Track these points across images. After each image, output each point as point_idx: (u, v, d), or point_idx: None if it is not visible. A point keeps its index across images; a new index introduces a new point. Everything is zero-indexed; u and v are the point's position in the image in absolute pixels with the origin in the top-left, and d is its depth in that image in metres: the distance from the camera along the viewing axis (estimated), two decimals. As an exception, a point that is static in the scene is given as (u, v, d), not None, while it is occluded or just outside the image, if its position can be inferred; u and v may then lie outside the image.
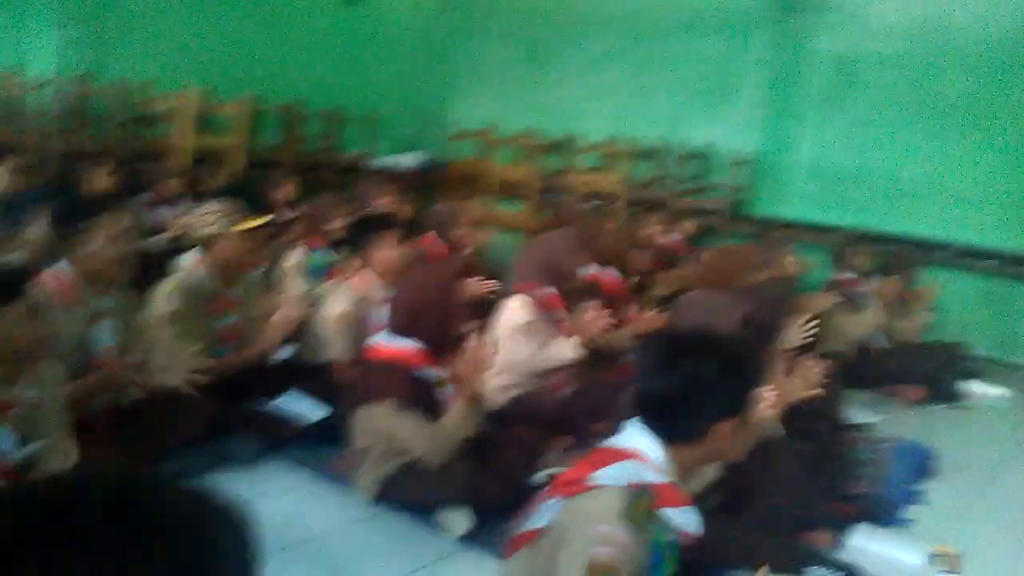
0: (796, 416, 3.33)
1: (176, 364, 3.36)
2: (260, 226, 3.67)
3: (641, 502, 1.75)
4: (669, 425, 1.87)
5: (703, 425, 1.85)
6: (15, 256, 3.66)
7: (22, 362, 2.46)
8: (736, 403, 1.88)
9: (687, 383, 1.84)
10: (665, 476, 1.84)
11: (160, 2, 6.72)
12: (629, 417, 1.94)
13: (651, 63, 8.04)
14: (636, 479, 1.79)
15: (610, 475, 1.81)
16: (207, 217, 3.54)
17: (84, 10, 6.19)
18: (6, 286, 2.39)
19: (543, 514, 1.90)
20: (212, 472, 3.17)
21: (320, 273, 4.67)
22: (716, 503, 2.90)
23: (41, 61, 6.01)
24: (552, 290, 3.91)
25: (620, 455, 1.86)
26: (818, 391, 3.11)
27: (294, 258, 4.62)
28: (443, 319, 3.07)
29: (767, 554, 2.71)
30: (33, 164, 5.17)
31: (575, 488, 1.84)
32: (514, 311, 3.85)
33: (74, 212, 3.14)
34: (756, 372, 1.94)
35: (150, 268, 5.12)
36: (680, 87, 7.90)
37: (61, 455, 2.57)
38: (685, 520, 1.86)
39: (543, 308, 3.89)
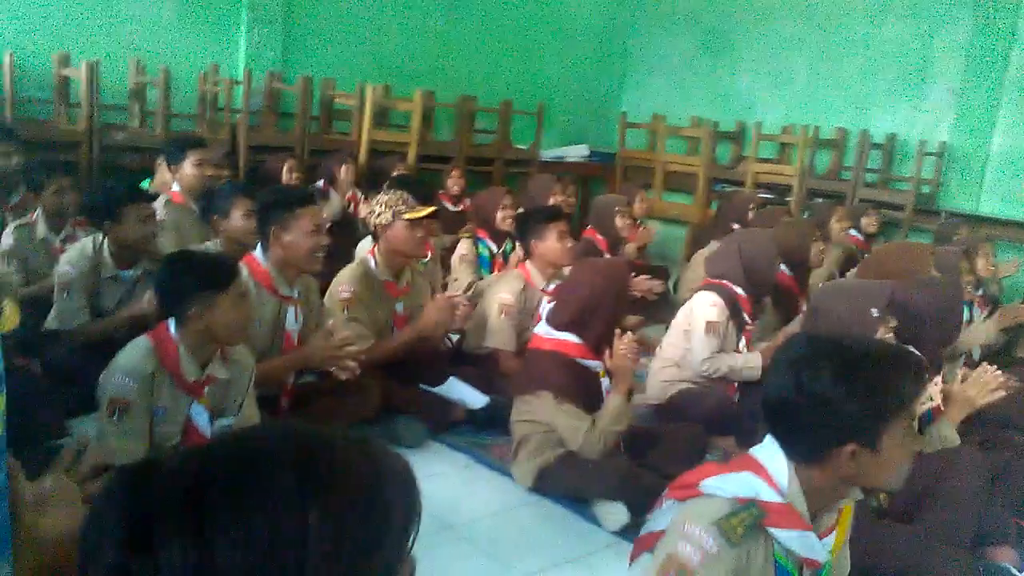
0: (982, 425, 3.09)
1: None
2: (429, 215, 3.79)
3: (743, 517, 1.64)
4: (785, 441, 1.71)
5: (822, 447, 1.65)
6: (211, 244, 3.95)
7: (224, 344, 2.68)
8: (865, 427, 1.62)
9: (806, 397, 1.64)
10: (784, 496, 1.67)
11: (341, 3, 7.07)
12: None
13: (836, 48, 7.67)
14: (747, 493, 1.68)
15: (720, 484, 1.72)
16: (380, 207, 3.70)
17: (272, 12, 6.61)
18: (222, 274, 2.61)
19: (662, 516, 1.84)
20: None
21: (486, 264, 4.78)
22: (882, 506, 2.75)
23: (233, 61, 6.47)
24: (741, 291, 3.81)
25: (740, 465, 1.75)
26: (999, 397, 2.87)
27: (463, 249, 4.74)
28: (610, 317, 3.06)
29: (942, 567, 2.54)
30: (224, 158, 5.59)
31: (687, 492, 1.77)
32: (705, 307, 3.76)
33: (272, 204, 3.33)
34: (899, 390, 1.64)
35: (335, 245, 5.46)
36: (866, 73, 7.49)
37: (251, 431, 2.77)
38: (803, 545, 1.68)
39: (733, 308, 3.79)
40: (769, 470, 1.70)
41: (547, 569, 2.72)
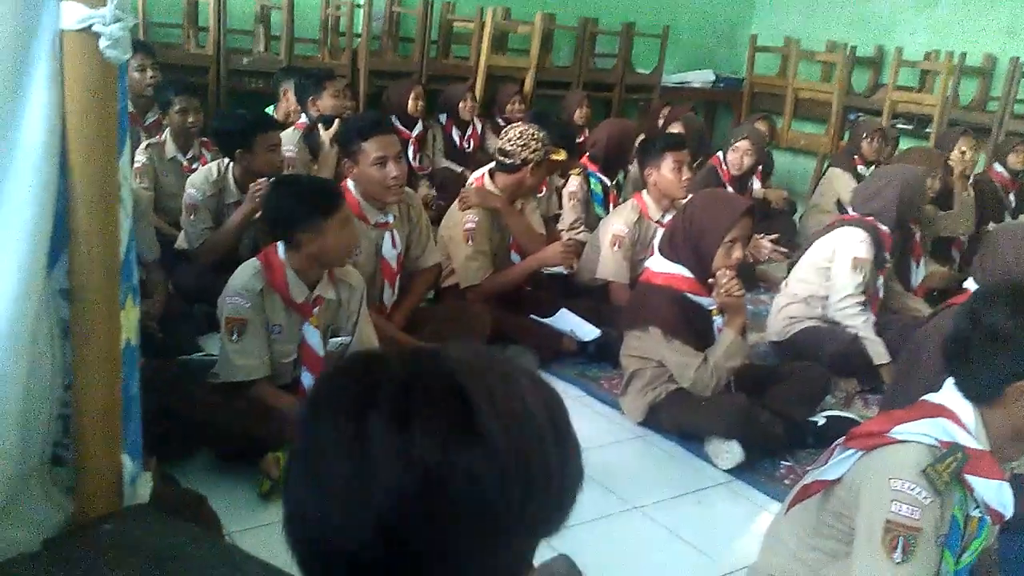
0: None
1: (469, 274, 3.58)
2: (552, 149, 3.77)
3: (948, 463, 1.60)
4: (962, 378, 1.69)
5: (999, 383, 1.63)
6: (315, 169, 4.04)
7: (331, 267, 2.73)
8: None
9: (982, 330, 1.64)
10: (981, 443, 1.65)
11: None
12: (944, 373, 1.76)
13: (986, -32, 7.02)
14: (947, 438, 1.64)
15: (917, 430, 1.67)
16: (532, 143, 3.65)
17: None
18: (329, 200, 2.65)
19: (837, 465, 1.79)
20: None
21: (600, 200, 4.63)
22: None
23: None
24: (887, 229, 3.63)
25: (933, 411, 1.70)
26: None
27: (572, 185, 4.57)
28: (716, 252, 2.94)
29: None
30: (352, 87, 5.64)
31: (876, 440, 1.71)
32: (853, 243, 3.59)
33: (341, 135, 3.33)
34: None
35: (452, 176, 5.48)
36: (1019, -6, 6.83)
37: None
38: (998, 497, 1.65)
39: (880, 246, 3.62)
40: (959, 416, 1.68)
41: (660, 502, 2.70)
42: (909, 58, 7.09)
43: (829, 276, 3.63)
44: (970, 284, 2.81)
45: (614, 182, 4.71)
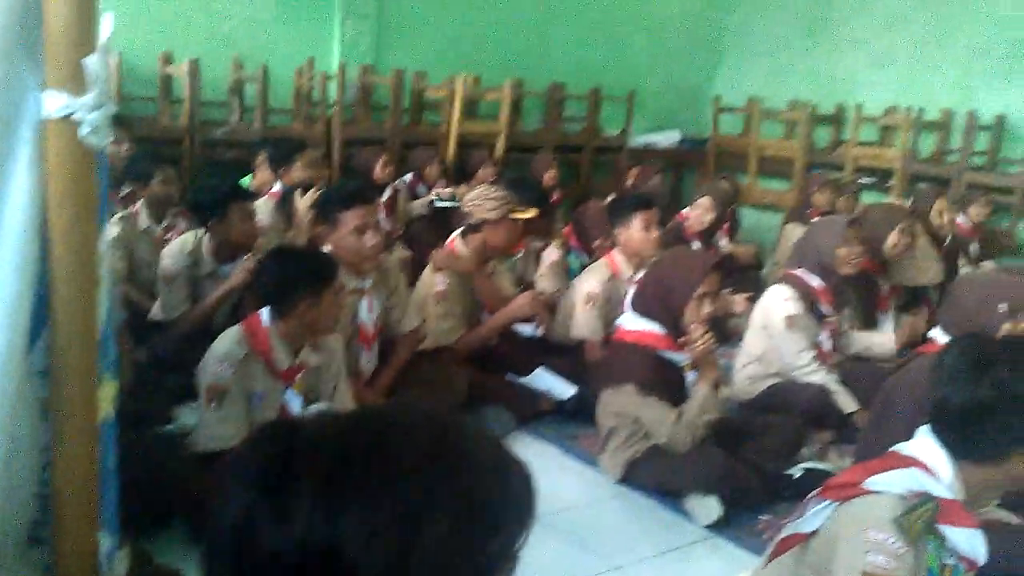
0: None
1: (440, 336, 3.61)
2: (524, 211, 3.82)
3: (920, 513, 1.62)
4: (964, 440, 1.70)
5: (1005, 446, 1.67)
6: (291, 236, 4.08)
7: (319, 335, 2.77)
8: None
9: (997, 395, 1.65)
10: (953, 493, 1.68)
11: (433, -5, 7.11)
12: (916, 422, 1.79)
13: (941, 26, 7.28)
14: (919, 488, 1.67)
15: (889, 481, 1.70)
16: (489, 202, 3.71)
17: (365, 6, 6.69)
18: (327, 270, 2.71)
19: (813, 517, 1.81)
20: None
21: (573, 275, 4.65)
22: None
23: (327, 55, 6.57)
24: (821, 282, 3.68)
25: (904, 461, 1.73)
26: None
27: (552, 255, 4.58)
28: (687, 307, 2.99)
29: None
30: (325, 156, 5.73)
31: (850, 491, 1.74)
32: (779, 303, 3.65)
33: (322, 203, 3.37)
34: None
35: (423, 238, 5.52)
36: (973, 51, 7.09)
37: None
38: (970, 545, 1.67)
39: (811, 300, 3.67)
40: (931, 466, 1.70)
41: (638, 561, 2.70)
42: (869, 114, 7.32)
43: (770, 335, 3.67)
44: (936, 334, 2.88)
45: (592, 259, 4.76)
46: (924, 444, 1.74)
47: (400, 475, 0.73)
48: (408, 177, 5.98)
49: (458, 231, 3.91)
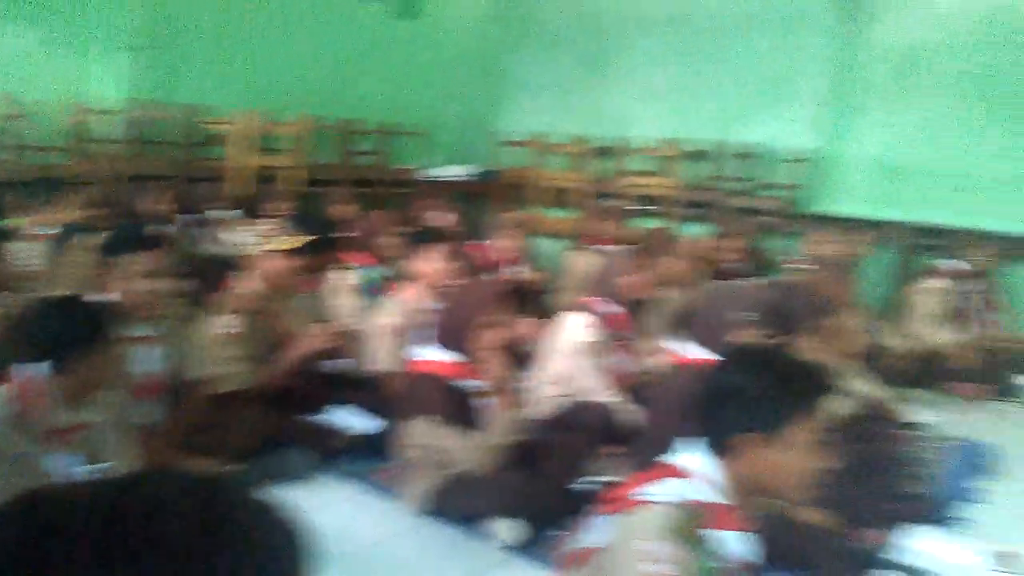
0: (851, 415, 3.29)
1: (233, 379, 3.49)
2: (308, 245, 3.76)
3: (689, 520, 1.67)
4: (711, 438, 1.80)
5: (728, 438, 1.76)
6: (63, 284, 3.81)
7: (105, 389, 2.58)
8: (763, 417, 1.74)
9: (712, 390, 1.81)
10: (720, 496, 1.75)
11: (221, 27, 6.89)
12: (679, 431, 1.87)
13: (704, 62, 7.95)
14: (685, 496, 1.72)
15: (656, 491, 1.74)
16: (256, 237, 3.65)
17: (148, 39, 6.39)
18: (113, 321, 2.51)
19: (594, 531, 1.86)
20: (266, 484, 3.25)
21: (375, 290, 4.72)
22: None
23: (105, 88, 6.22)
24: (618, 309, 3.89)
25: (668, 471, 1.79)
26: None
27: (338, 279, 4.64)
28: (479, 335, 3.09)
29: (819, 553, 2.68)
30: (104, 194, 5.40)
31: (621, 505, 1.79)
32: (577, 329, 3.83)
33: (104, 249, 3.20)
34: (791, 381, 1.77)
35: (207, 278, 5.33)
36: (735, 86, 7.80)
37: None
38: (739, 546, 1.74)
39: (607, 327, 3.87)
40: (696, 472, 1.76)
41: (444, 590, 2.72)
42: (639, 146, 7.90)
43: (566, 359, 3.85)
44: (683, 346, 3.10)
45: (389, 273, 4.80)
46: (688, 451, 1.81)
47: (160, 552, 0.71)
48: (192, 214, 5.76)
49: (236, 270, 3.82)
